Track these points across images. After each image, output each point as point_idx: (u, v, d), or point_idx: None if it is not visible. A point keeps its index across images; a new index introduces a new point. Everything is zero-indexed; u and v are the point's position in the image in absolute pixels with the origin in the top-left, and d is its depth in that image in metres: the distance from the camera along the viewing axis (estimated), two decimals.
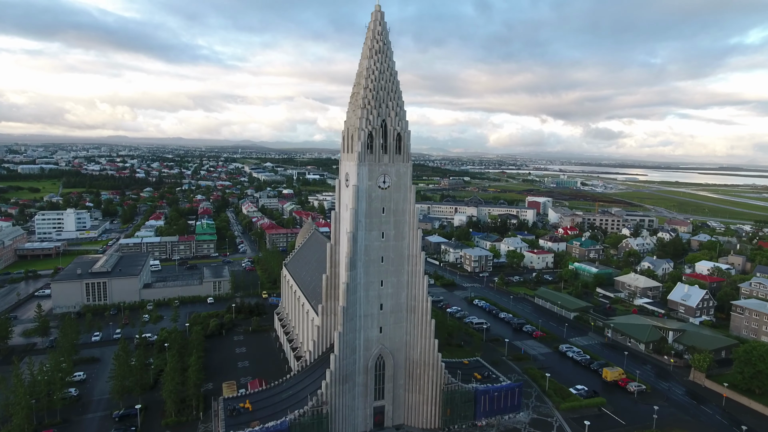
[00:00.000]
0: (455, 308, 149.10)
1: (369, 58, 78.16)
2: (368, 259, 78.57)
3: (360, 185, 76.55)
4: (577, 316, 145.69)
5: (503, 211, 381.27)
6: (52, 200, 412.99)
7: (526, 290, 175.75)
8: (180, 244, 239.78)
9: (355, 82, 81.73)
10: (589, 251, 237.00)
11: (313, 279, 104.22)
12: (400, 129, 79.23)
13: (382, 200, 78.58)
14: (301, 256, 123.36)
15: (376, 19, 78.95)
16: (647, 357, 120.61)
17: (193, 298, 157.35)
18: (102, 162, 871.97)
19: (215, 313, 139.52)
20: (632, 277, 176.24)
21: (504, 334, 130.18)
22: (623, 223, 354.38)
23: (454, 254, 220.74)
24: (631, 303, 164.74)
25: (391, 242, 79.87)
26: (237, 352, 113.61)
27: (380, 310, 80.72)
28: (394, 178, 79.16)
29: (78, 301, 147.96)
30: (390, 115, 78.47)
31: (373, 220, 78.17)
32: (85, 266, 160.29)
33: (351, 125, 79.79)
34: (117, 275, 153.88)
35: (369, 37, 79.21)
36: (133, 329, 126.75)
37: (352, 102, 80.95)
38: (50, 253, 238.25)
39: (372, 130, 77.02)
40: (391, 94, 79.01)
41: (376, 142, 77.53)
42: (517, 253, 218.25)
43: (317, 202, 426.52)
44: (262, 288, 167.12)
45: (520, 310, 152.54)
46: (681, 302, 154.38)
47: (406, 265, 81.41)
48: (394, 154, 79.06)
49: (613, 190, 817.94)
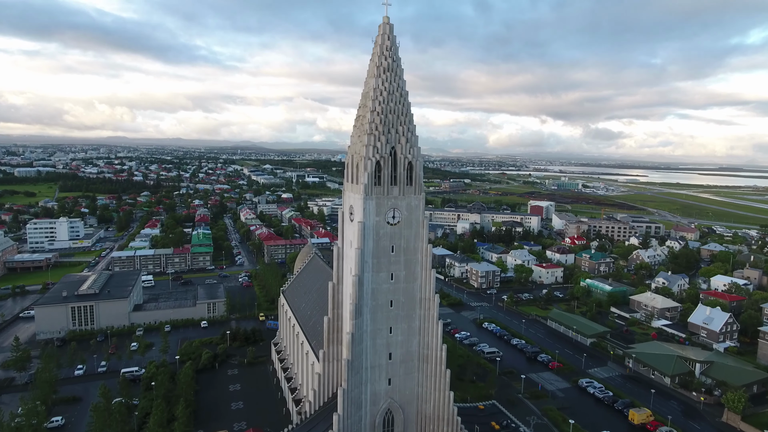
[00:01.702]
0: (464, 333, 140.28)
1: (376, 77, 69.10)
2: (376, 303, 69.69)
3: (366, 222, 67.62)
4: (594, 343, 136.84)
5: (507, 218, 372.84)
6: (47, 206, 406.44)
7: (537, 311, 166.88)
8: (175, 257, 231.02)
9: (360, 104, 72.71)
10: (599, 264, 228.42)
11: (313, 313, 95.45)
12: (412, 157, 70.20)
13: (391, 238, 69.65)
14: (300, 283, 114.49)
15: (384, 32, 69.92)
16: (673, 392, 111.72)
17: (186, 321, 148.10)
18: (100, 164, 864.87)
19: (208, 340, 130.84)
20: (649, 296, 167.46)
21: (518, 365, 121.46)
22: (630, 230, 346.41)
23: (459, 268, 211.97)
24: (648, 325, 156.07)
25: (401, 284, 70.96)
26: (231, 390, 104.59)
27: (389, 360, 71.85)
28: (405, 212, 70.19)
29: (63, 326, 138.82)
30: (400, 141, 69.47)
31: (381, 260, 69.27)
32: (71, 287, 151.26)
33: (356, 153, 70.75)
34: (105, 298, 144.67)
35: (376, 53, 70.10)
36: (120, 362, 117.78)
37: (357, 126, 71.91)
38: (41, 265, 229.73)
39: (380, 159, 68.07)
40: (401, 117, 69.91)
41: (385, 173, 68.54)
42: (525, 267, 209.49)
43: (317, 208, 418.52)
44: (259, 309, 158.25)
45: (532, 335, 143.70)
46: (703, 326, 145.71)
47: (417, 309, 72.51)
48: (405, 186, 70.05)
49: (615, 192, 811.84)
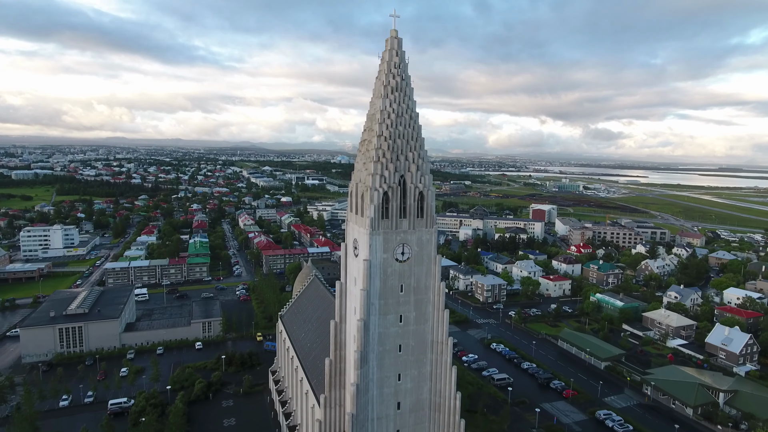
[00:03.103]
0: (472, 356, 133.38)
1: (383, 97, 62.25)
2: (383, 349, 62.91)
3: (373, 259, 60.80)
4: (608, 366, 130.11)
5: (510, 224, 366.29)
6: (43, 210, 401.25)
7: (546, 328, 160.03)
8: (171, 268, 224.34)
9: (365, 127, 65.79)
10: (608, 276, 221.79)
11: (313, 346, 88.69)
12: (423, 187, 63.30)
13: (400, 276, 62.85)
14: (299, 308, 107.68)
15: (392, 47, 63.03)
16: (697, 425, 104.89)
17: (180, 342, 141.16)
18: (98, 166, 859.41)
19: (202, 365, 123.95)
20: (662, 314, 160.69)
21: (530, 393, 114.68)
22: (635, 236, 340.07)
23: (464, 281, 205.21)
24: (663, 345, 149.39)
25: (411, 327, 64.21)
26: (225, 426, 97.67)
27: (397, 410, 65.07)
28: (415, 248, 63.38)
29: (50, 348, 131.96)
30: (410, 169, 62.61)
31: (389, 301, 62.50)
32: (60, 305, 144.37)
33: (360, 181, 63.83)
34: (95, 318, 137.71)
35: (383, 71, 63.18)
36: (108, 391, 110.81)
37: (362, 152, 64.93)
38: (33, 276, 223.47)
39: (388, 189, 61.31)
40: (411, 142, 63.04)
41: (393, 205, 61.72)
42: (532, 280, 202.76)
43: (316, 213, 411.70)
44: (256, 328, 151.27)
45: (543, 358, 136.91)
46: (722, 347, 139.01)
47: (429, 353, 65.75)
48: (415, 218, 63.17)
49: (616, 194, 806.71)
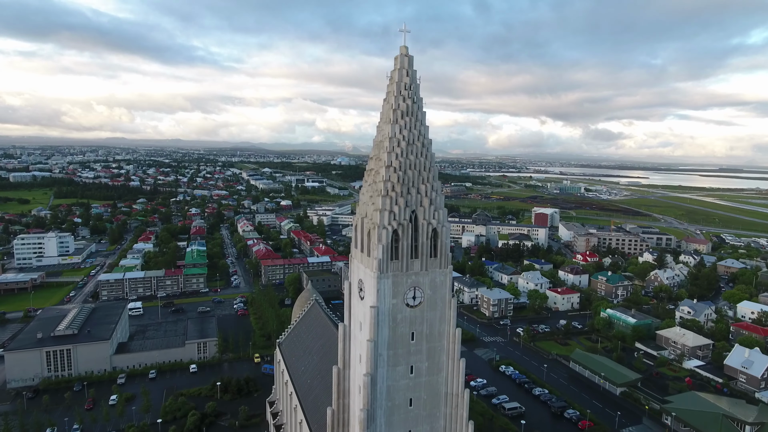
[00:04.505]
0: (480, 381, 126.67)
1: (393, 123, 55.65)
2: (392, 404, 56.40)
3: (381, 306, 54.26)
4: (624, 392, 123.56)
5: (514, 230, 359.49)
6: (39, 214, 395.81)
7: (557, 348, 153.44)
8: (166, 279, 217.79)
9: (371, 155, 59.18)
10: (617, 288, 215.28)
11: (314, 383, 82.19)
12: (437, 223, 56.70)
13: (411, 323, 56.30)
14: (298, 336, 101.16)
15: (401, 66, 56.32)
16: None
17: (173, 365, 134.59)
18: (97, 168, 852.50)
19: (197, 391, 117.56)
20: (677, 332, 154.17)
21: (544, 424, 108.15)
22: (641, 242, 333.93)
23: (469, 294, 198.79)
24: (679, 366, 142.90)
25: (423, 378, 57.69)
26: None
27: None
28: (428, 291, 56.81)
29: (37, 372, 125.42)
30: (422, 203, 56.07)
31: (398, 351, 55.99)
32: (48, 325, 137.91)
33: (366, 216, 57.24)
34: (85, 340, 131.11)
35: (392, 93, 56.45)
36: (96, 424, 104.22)
37: (368, 183, 58.30)
38: (26, 287, 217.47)
39: (398, 227, 54.76)
40: (424, 173, 56.46)
41: (403, 243, 55.18)
42: (539, 293, 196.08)
43: (316, 218, 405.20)
44: (254, 348, 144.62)
45: (555, 382, 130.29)
46: (742, 370, 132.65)
47: (442, 406, 59.19)
48: (428, 258, 56.58)
49: (618, 196, 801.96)
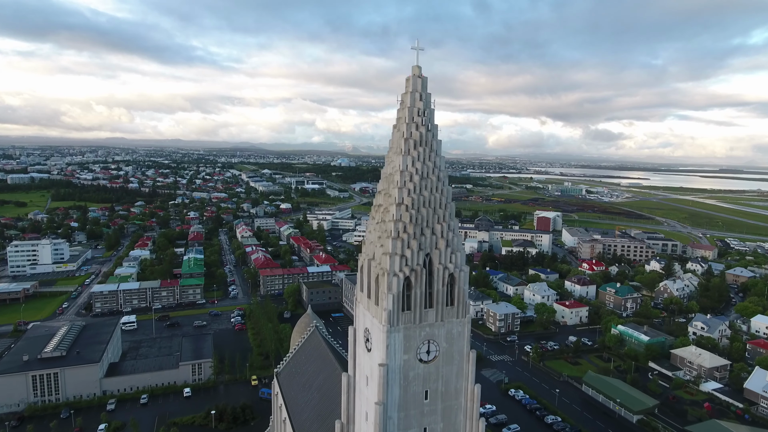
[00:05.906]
0: (489, 408, 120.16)
1: (404, 154, 48.72)
2: None
3: (391, 363, 47.79)
4: (642, 420, 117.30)
5: (517, 236, 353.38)
6: (36, 218, 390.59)
7: (568, 368, 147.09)
8: (162, 290, 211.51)
9: (379, 189, 52.30)
10: (626, 300, 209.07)
11: (313, 425, 75.84)
12: (454, 267, 50.02)
13: (424, 380, 49.84)
14: (297, 367, 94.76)
15: (414, 89, 49.19)
16: None
17: (167, 388, 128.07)
18: (96, 169, 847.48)
19: (190, 419, 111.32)
20: (693, 352, 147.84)
21: None
22: (647, 249, 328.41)
23: (474, 307, 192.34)
24: (696, 389, 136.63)
25: None
26: None
27: None
28: (444, 344, 50.30)
29: (22, 398, 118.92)
30: (438, 246, 49.42)
31: (410, 412, 49.60)
32: (35, 345, 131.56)
33: (374, 260, 50.45)
34: (73, 362, 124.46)
35: (403, 120, 49.40)
36: None
37: (376, 220, 51.68)
38: (18, 297, 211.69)
39: (410, 273, 48.31)
40: (439, 211, 49.71)
41: (416, 291, 48.69)
42: (547, 307, 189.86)
43: (316, 223, 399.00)
44: (251, 369, 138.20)
45: (567, 408, 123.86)
46: (763, 394, 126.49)
47: None
48: (444, 308, 50.09)
49: (619, 198, 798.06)
